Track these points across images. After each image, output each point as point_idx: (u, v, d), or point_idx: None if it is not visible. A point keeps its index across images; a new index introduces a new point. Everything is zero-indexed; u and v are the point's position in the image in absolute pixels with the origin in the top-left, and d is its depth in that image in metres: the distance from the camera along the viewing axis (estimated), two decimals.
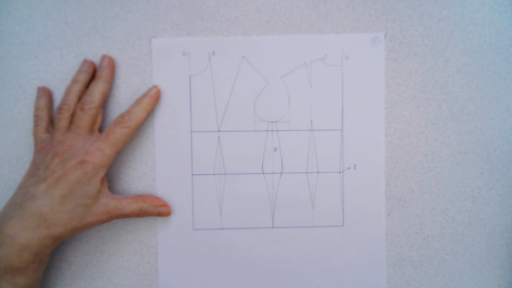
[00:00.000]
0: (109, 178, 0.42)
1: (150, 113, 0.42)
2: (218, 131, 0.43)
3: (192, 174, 0.43)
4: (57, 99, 0.42)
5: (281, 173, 0.43)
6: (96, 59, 0.42)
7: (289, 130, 0.43)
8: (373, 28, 0.42)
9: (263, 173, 0.43)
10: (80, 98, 0.40)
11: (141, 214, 0.41)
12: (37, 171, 0.38)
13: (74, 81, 0.41)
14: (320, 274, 0.43)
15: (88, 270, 0.43)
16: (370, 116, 0.42)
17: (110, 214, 0.39)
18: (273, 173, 0.43)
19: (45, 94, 0.42)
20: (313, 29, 0.42)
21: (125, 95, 0.42)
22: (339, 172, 0.43)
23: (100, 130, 0.41)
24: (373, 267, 0.43)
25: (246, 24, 0.42)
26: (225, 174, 0.43)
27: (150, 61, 0.42)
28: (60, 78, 0.42)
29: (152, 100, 0.41)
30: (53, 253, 0.42)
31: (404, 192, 0.43)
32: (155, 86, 0.42)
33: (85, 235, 0.43)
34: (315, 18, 0.42)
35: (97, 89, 0.40)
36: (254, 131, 0.43)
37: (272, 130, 0.43)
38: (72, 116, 0.40)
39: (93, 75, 0.42)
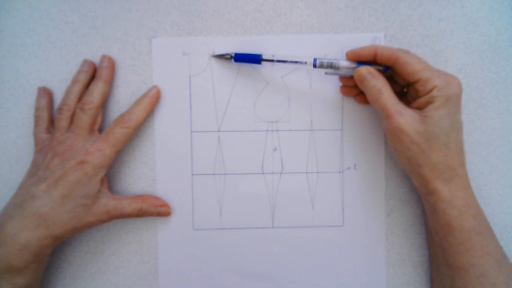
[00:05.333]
0: (109, 178, 0.42)
1: (150, 113, 0.42)
2: (218, 131, 0.43)
3: (192, 174, 0.43)
4: (57, 99, 0.42)
5: (281, 173, 0.43)
6: (96, 59, 0.42)
7: (289, 130, 0.43)
8: (373, 28, 0.42)
9: (263, 173, 0.43)
10: (80, 98, 0.40)
11: (141, 214, 0.41)
12: (37, 171, 0.38)
13: (74, 81, 0.41)
14: (320, 274, 0.43)
15: (88, 270, 0.43)
16: (370, 116, 0.42)
17: (110, 214, 0.39)
18: (273, 173, 0.43)
19: (46, 94, 0.42)
20: (313, 29, 0.42)
21: (125, 95, 0.42)
22: (339, 172, 0.43)
23: (100, 130, 0.41)
24: (373, 267, 0.43)
25: (246, 24, 0.42)
26: (225, 174, 0.43)
27: (150, 61, 0.42)
28: (60, 78, 0.42)
29: (152, 100, 0.41)
30: (53, 253, 0.42)
31: (404, 192, 0.43)
32: (155, 86, 0.42)
33: (85, 235, 0.43)
34: (315, 18, 0.42)
35: (97, 89, 0.40)
36: (254, 131, 0.43)
37: (272, 130, 0.43)
38: (72, 116, 0.40)
39: (93, 75, 0.42)
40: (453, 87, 0.35)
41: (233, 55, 0.41)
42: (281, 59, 0.40)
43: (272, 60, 0.40)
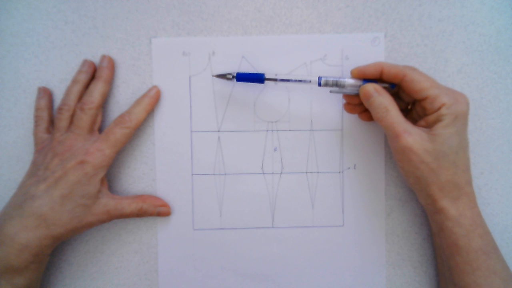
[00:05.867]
0: (109, 178, 0.42)
1: (150, 113, 0.42)
2: (218, 131, 0.43)
3: (192, 174, 0.43)
4: (57, 99, 0.42)
5: (281, 173, 0.43)
6: (96, 59, 0.42)
7: (289, 130, 0.43)
8: (373, 28, 0.42)
9: (263, 173, 0.43)
10: (80, 98, 0.40)
11: (141, 214, 0.41)
12: (37, 171, 0.38)
13: (74, 81, 0.41)
14: (320, 274, 0.43)
15: (88, 270, 0.43)
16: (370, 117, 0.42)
17: (110, 214, 0.39)
18: (273, 173, 0.43)
19: (46, 94, 0.42)
20: (313, 29, 0.42)
21: (125, 95, 0.42)
22: (339, 172, 0.43)
23: (100, 130, 0.41)
24: (373, 267, 0.43)
25: (246, 24, 0.42)
26: (225, 174, 0.43)
27: (150, 61, 0.42)
28: (60, 78, 0.42)
29: (152, 100, 0.41)
30: (53, 253, 0.42)
31: (404, 192, 0.43)
32: (155, 86, 0.42)
33: (85, 235, 0.43)
34: (315, 18, 0.42)
35: (97, 89, 0.40)
36: (254, 131, 0.43)
37: (272, 130, 0.43)
38: (72, 116, 0.40)
39: (93, 75, 0.42)
40: (461, 105, 0.35)
41: (235, 74, 0.40)
42: (284, 78, 0.39)
43: (275, 79, 0.39)
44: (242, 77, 0.40)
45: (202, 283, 0.43)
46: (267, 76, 0.39)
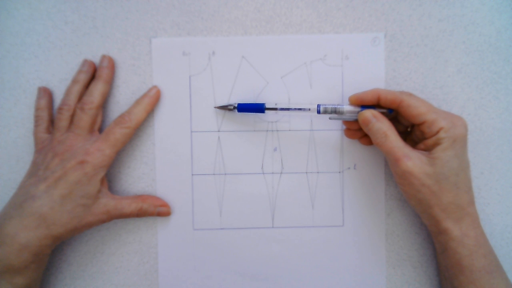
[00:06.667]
0: (109, 178, 0.42)
1: (150, 113, 0.42)
2: (218, 131, 0.43)
3: (192, 174, 0.43)
4: (57, 99, 0.42)
5: (281, 173, 0.43)
6: (96, 59, 0.42)
7: (289, 130, 0.43)
8: (373, 28, 0.42)
9: (263, 173, 0.43)
10: (80, 98, 0.40)
11: (141, 214, 0.41)
12: (37, 171, 0.38)
13: (74, 81, 0.41)
14: (320, 274, 0.43)
15: (88, 270, 0.43)
16: None
17: (110, 214, 0.39)
18: (273, 173, 0.43)
19: (46, 94, 0.42)
20: (313, 29, 0.42)
21: (125, 95, 0.42)
22: (339, 172, 0.43)
23: (100, 130, 0.41)
24: (373, 267, 0.43)
25: (246, 24, 0.42)
26: (225, 174, 0.43)
27: (150, 61, 0.42)
28: (60, 78, 0.42)
29: (152, 100, 0.41)
30: (53, 253, 0.42)
31: None
32: (155, 86, 0.42)
33: (85, 235, 0.43)
34: (315, 18, 0.42)
35: (97, 89, 0.40)
36: (254, 131, 0.43)
37: (272, 130, 0.43)
38: (72, 116, 0.40)
39: (93, 75, 0.42)
40: (459, 128, 0.36)
41: (236, 105, 0.41)
42: (284, 107, 0.40)
43: (275, 109, 0.40)
44: (243, 108, 0.41)
45: (202, 283, 0.43)
46: (267, 106, 0.40)
